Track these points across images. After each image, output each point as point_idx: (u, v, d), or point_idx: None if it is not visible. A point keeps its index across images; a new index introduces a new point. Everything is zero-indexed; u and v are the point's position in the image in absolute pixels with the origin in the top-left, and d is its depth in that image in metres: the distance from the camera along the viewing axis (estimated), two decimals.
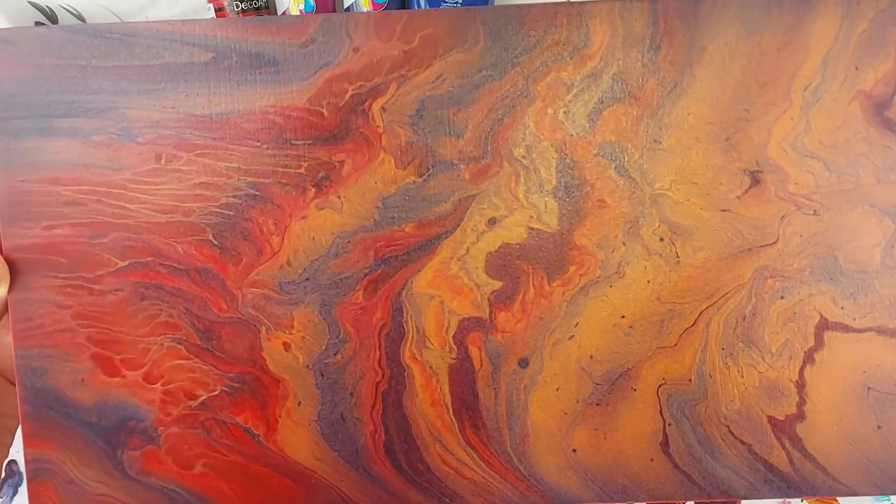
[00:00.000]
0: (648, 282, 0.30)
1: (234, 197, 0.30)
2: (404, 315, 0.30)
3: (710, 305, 0.30)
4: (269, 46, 0.29)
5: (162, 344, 0.31)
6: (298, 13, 0.38)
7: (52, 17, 0.37)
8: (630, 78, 0.29)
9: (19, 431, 0.32)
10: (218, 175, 0.30)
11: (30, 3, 0.35)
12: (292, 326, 0.31)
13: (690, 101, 0.29)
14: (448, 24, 0.29)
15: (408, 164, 0.30)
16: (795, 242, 0.30)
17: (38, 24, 0.34)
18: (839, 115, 0.29)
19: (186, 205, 0.30)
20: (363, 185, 0.30)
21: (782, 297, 0.30)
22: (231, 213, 0.30)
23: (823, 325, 0.30)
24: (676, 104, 0.29)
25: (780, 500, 0.41)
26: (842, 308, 0.30)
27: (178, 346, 0.31)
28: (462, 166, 0.30)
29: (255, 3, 0.41)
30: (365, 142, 0.30)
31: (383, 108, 0.30)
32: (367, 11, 0.29)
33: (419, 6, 0.38)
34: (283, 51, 0.29)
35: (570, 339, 0.31)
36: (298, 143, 0.30)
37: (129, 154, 0.30)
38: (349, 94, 0.29)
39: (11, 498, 0.40)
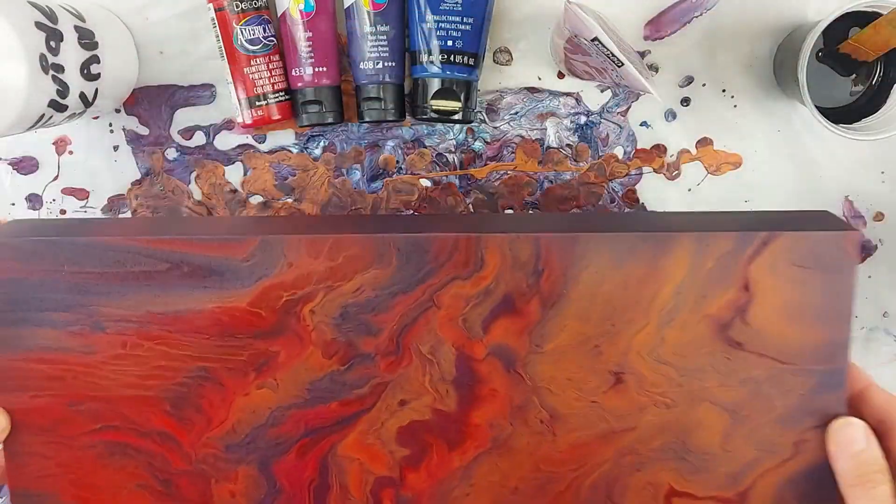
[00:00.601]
0: (530, 454, 0.37)
1: (188, 377, 0.36)
2: (329, 473, 0.37)
3: (580, 474, 0.37)
4: (216, 260, 0.35)
5: (131, 489, 0.37)
6: (298, 13, 0.41)
7: (51, 17, 0.37)
8: (517, 295, 0.35)
9: None
10: (174, 360, 0.36)
11: (30, 3, 0.36)
12: (237, 479, 0.37)
13: (566, 316, 0.35)
14: (367, 247, 0.35)
15: (332, 356, 0.36)
16: (651, 429, 0.36)
17: (37, 24, 0.35)
18: (689, 332, 0.35)
19: (148, 382, 0.36)
20: (295, 371, 0.36)
21: (639, 470, 0.37)
22: (185, 389, 0.36)
23: (672, 493, 0.37)
24: (555, 318, 0.35)
25: None
26: (688, 481, 0.37)
27: (144, 491, 0.37)
28: (378, 358, 0.36)
29: (255, 4, 0.42)
30: (297, 337, 0.36)
31: (312, 311, 0.35)
32: (298, 236, 0.35)
33: (419, 7, 0.41)
34: (228, 264, 0.35)
35: (466, 496, 0.37)
36: (241, 336, 0.36)
37: (99, 341, 0.36)
38: (284, 299, 0.35)
39: None
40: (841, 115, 0.44)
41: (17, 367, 0.36)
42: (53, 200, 0.48)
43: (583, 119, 0.47)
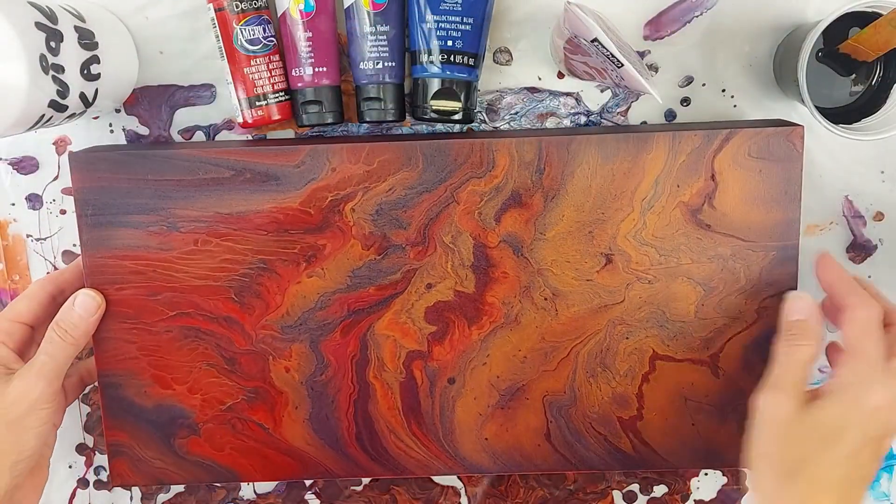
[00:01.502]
0: (536, 327, 0.44)
1: (249, 269, 0.43)
2: (369, 348, 0.44)
3: (578, 343, 0.44)
4: (272, 167, 0.42)
5: (200, 367, 0.44)
6: (298, 13, 0.42)
7: (51, 18, 0.37)
8: (523, 191, 0.42)
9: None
10: (237, 254, 0.43)
11: (30, 3, 0.36)
12: (291, 356, 0.44)
13: (564, 207, 0.42)
14: (398, 153, 0.42)
15: (370, 247, 0.43)
16: (636, 302, 0.43)
17: (38, 24, 0.35)
18: (666, 217, 0.42)
19: (216, 274, 0.43)
20: (339, 261, 0.43)
21: (627, 338, 0.44)
22: (247, 279, 0.43)
23: (655, 357, 0.44)
24: (555, 209, 0.42)
25: None
26: (667, 345, 0.44)
27: (212, 369, 0.44)
28: (408, 248, 0.43)
29: (255, 4, 0.42)
30: (340, 232, 0.43)
31: (353, 209, 0.42)
32: (340, 145, 0.42)
33: (419, 7, 0.42)
34: (282, 170, 0.42)
35: (483, 364, 0.44)
36: (293, 232, 0.43)
37: (175, 239, 0.43)
38: (329, 199, 0.42)
39: None
40: (841, 115, 0.43)
41: (105, 264, 0.43)
42: (53, 200, 0.47)
43: (583, 119, 0.46)
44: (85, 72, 0.39)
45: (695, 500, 0.51)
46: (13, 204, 0.47)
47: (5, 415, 0.40)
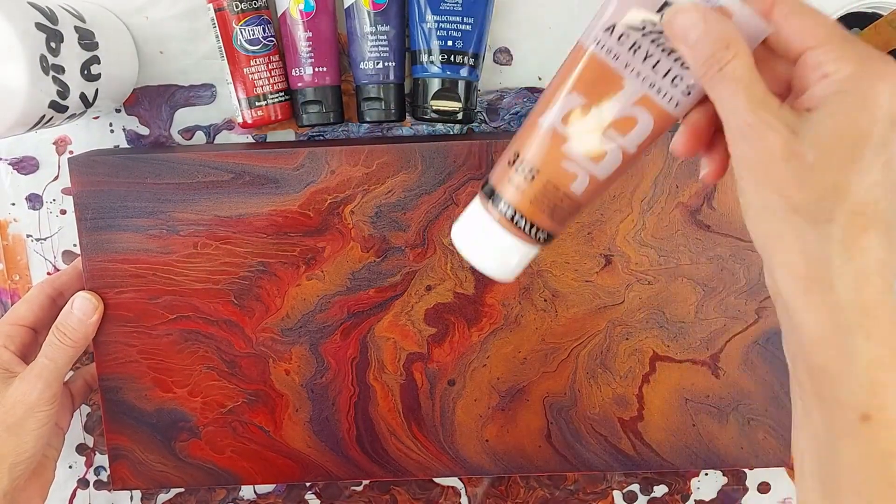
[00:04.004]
0: (536, 329, 0.44)
1: (249, 271, 0.43)
2: (369, 351, 0.44)
3: (579, 344, 0.44)
4: (271, 170, 0.42)
5: (200, 370, 0.44)
6: (298, 13, 0.42)
7: (51, 18, 0.36)
8: None
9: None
10: (237, 257, 0.43)
11: (30, 3, 0.36)
12: (291, 359, 0.44)
13: None
14: (397, 155, 0.42)
15: (369, 249, 0.43)
16: (636, 303, 0.43)
17: (38, 24, 0.35)
18: (665, 218, 0.42)
19: (215, 277, 0.43)
20: (339, 263, 0.43)
21: (627, 339, 0.44)
22: (247, 282, 0.43)
23: (655, 357, 0.44)
24: None
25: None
26: (668, 346, 0.44)
27: (212, 372, 0.44)
28: (407, 250, 0.43)
29: (255, 4, 0.42)
30: (339, 234, 0.43)
31: (352, 212, 0.42)
32: (339, 147, 0.42)
33: (419, 7, 0.42)
34: (281, 173, 0.42)
35: (483, 366, 0.44)
36: (293, 235, 0.43)
37: (175, 243, 0.43)
38: (328, 202, 0.42)
39: None
40: None
41: (105, 267, 0.43)
42: (53, 200, 0.47)
43: None
44: (85, 72, 0.39)
45: (695, 500, 0.51)
46: (13, 204, 0.47)
47: (5, 417, 0.40)
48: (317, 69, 0.43)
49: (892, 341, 0.26)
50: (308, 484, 0.50)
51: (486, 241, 0.31)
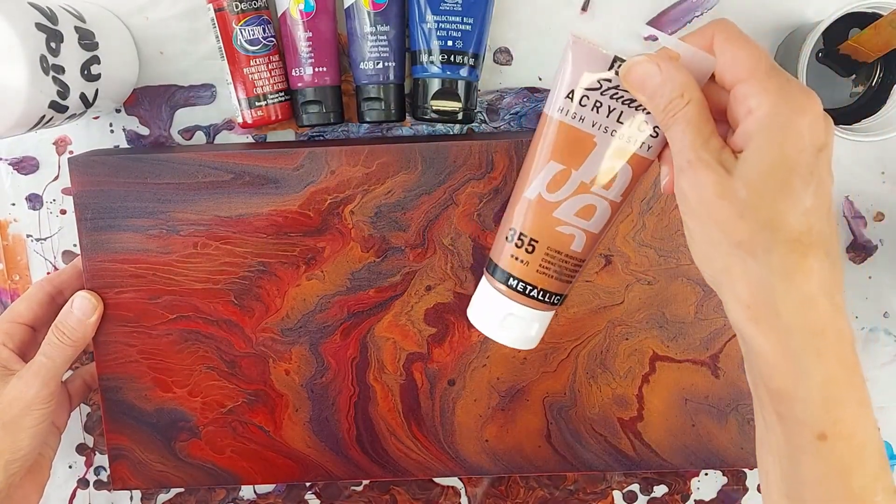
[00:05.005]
0: None
1: (249, 271, 0.43)
2: (369, 351, 0.44)
3: (578, 344, 0.44)
4: (271, 170, 0.42)
5: (200, 370, 0.44)
6: (298, 13, 0.42)
7: (52, 18, 0.36)
8: None
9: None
10: (237, 257, 0.43)
11: (30, 3, 0.36)
12: (291, 358, 0.44)
13: None
14: (397, 155, 0.42)
15: (369, 249, 0.43)
16: (636, 303, 0.43)
17: (38, 25, 0.35)
18: (665, 218, 0.42)
19: (215, 277, 0.43)
20: (338, 264, 0.43)
21: (627, 339, 0.44)
22: (247, 282, 0.43)
23: (655, 358, 0.44)
24: None
25: None
26: (667, 346, 0.44)
27: (212, 372, 0.44)
28: (407, 250, 0.43)
29: (255, 4, 0.42)
30: (339, 234, 0.43)
31: (352, 212, 0.43)
32: (339, 147, 0.42)
33: (419, 7, 0.41)
34: (281, 173, 0.42)
35: (483, 366, 0.44)
36: (293, 235, 0.43)
37: (175, 243, 0.43)
38: (328, 202, 0.42)
39: None
40: (841, 116, 0.43)
41: (105, 268, 0.43)
42: (53, 200, 0.47)
43: None
44: (85, 72, 0.39)
45: (695, 500, 0.51)
46: (13, 204, 0.48)
47: (1, 415, 0.40)
48: (317, 69, 0.43)
49: (843, 357, 0.27)
50: (308, 484, 0.50)
51: (504, 318, 0.34)
